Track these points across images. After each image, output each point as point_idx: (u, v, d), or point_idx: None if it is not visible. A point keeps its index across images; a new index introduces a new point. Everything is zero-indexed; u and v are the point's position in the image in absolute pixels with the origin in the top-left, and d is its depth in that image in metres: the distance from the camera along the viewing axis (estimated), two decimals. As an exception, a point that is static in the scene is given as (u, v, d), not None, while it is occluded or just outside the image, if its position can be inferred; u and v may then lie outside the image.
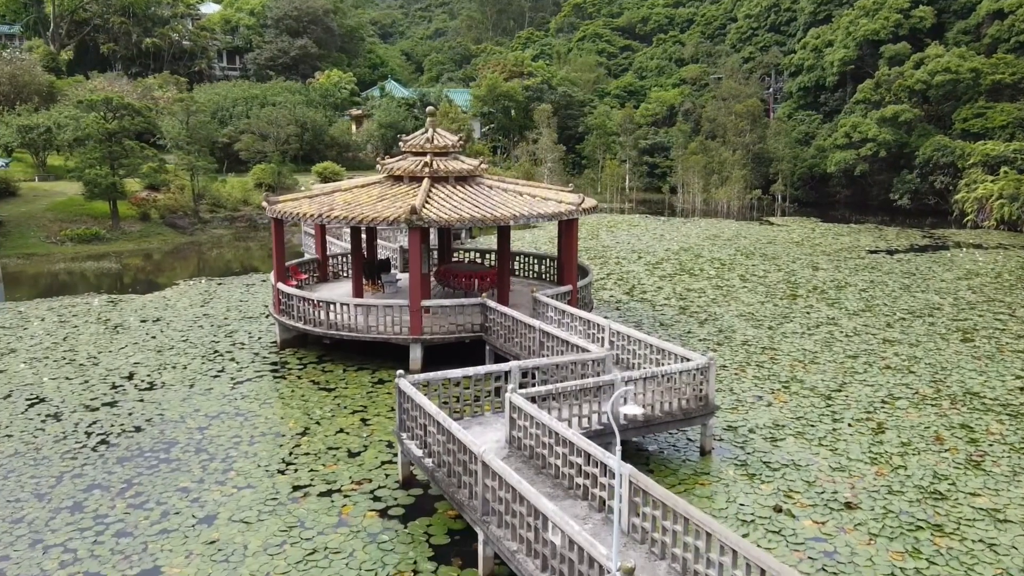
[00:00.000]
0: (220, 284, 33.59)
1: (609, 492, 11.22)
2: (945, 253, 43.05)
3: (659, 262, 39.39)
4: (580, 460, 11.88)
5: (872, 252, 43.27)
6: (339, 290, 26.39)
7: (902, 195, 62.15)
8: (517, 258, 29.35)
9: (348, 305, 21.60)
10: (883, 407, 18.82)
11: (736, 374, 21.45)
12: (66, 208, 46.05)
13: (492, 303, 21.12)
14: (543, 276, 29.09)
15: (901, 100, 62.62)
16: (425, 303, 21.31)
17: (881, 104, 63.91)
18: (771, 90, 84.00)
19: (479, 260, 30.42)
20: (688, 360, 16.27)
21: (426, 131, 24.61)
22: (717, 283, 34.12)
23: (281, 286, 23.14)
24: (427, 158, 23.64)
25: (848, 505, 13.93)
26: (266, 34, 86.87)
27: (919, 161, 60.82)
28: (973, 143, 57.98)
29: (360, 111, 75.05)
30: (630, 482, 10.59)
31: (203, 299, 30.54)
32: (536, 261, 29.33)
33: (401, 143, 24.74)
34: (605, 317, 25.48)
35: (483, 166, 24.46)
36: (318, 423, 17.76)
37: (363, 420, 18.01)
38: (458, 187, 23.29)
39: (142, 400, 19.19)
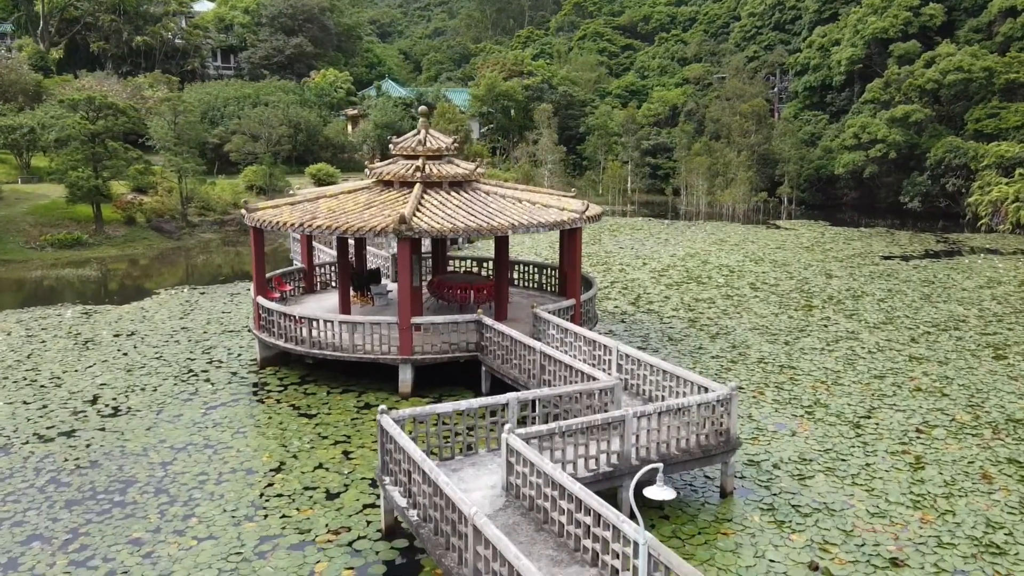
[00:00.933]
0: (203, 294, 31.84)
1: (623, 562, 9.48)
2: (962, 259, 41.32)
3: (665, 269, 37.66)
4: (589, 520, 10.15)
5: (886, 258, 41.53)
6: (326, 302, 24.67)
7: (912, 198, 60.42)
8: (516, 267, 27.63)
9: (332, 322, 19.87)
10: (919, 437, 17.09)
11: (754, 397, 19.72)
12: (48, 212, 44.29)
13: (488, 320, 19.39)
14: (544, 286, 27.36)
15: (911, 100, 60.88)
16: (415, 320, 19.58)
17: (890, 104, 62.17)
18: (776, 89, 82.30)
19: (475, 270, 28.71)
20: (706, 389, 14.55)
21: (418, 133, 22.88)
22: (727, 292, 32.39)
23: (261, 300, 21.41)
24: (419, 162, 21.91)
25: (895, 562, 12.19)
26: (261, 32, 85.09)
27: (930, 163, 59.07)
28: (987, 144, 56.25)
29: (356, 111, 73.33)
30: (649, 554, 8.86)
31: (183, 310, 28.80)
32: (536, 271, 27.58)
33: (391, 145, 23.03)
34: (611, 335, 23.81)
35: (480, 170, 22.74)
36: (295, 456, 16.03)
37: (345, 453, 16.27)
38: (452, 193, 21.56)
39: (103, 429, 17.46)
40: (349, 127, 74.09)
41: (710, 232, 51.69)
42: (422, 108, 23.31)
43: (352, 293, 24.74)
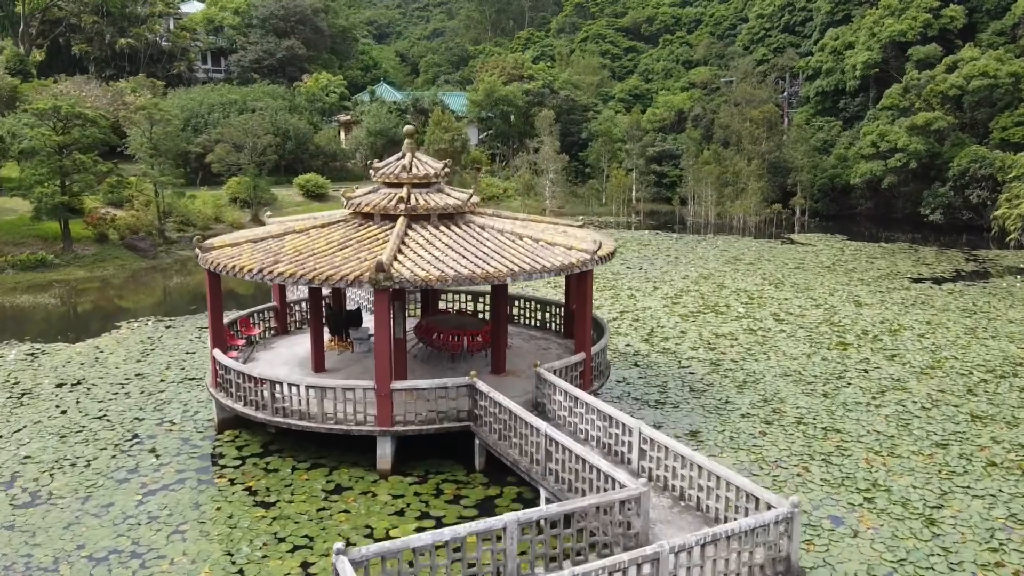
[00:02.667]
0: (169, 327, 28.73)
1: None
2: (999, 282, 38.21)
3: (678, 295, 34.55)
4: None
5: (916, 281, 38.42)
6: (300, 347, 21.58)
7: (934, 210, 57.28)
8: (516, 302, 24.54)
9: (298, 386, 16.74)
10: (1010, 542, 13.97)
11: (799, 475, 16.62)
12: (13, 228, 41.16)
13: (483, 386, 16.27)
14: (547, 325, 24.30)
15: (933, 107, 57.76)
16: (396, 385, 16.47)
17: (910, 111, 59.03)
18: (785, 94, 79.18)
19: (471, 307, 25.63)
20: (756, 499, 11.45)
21: (403, 156, 19.78)
22: (749, 325, 29.27)
23: (217, 355, 18.29)
24: (403, 191, 18.81)
25: None
26: (251, 35, 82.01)
27: (953, 173, 55.94)
28: (1014, 154, 53.13)
29: (349, 116, 70.22)
30: None
31: (143, 349, 25.69)
32: (539, 307, 24.52)
33: (372, 171, 19.92)
34: (625, 384, 20.50)
35: (474, 199, 19.63)
36: (241, 572, 12.91)
37: (305, 565, 13.14)
38: (441, 228, 18.46)
39: (11, 526, 14.34)
40: (342, 134, 71.03)
41: (722, 249, 48.58)
42: (408, 128, 20.19)
43: (328, 338, 21.68)
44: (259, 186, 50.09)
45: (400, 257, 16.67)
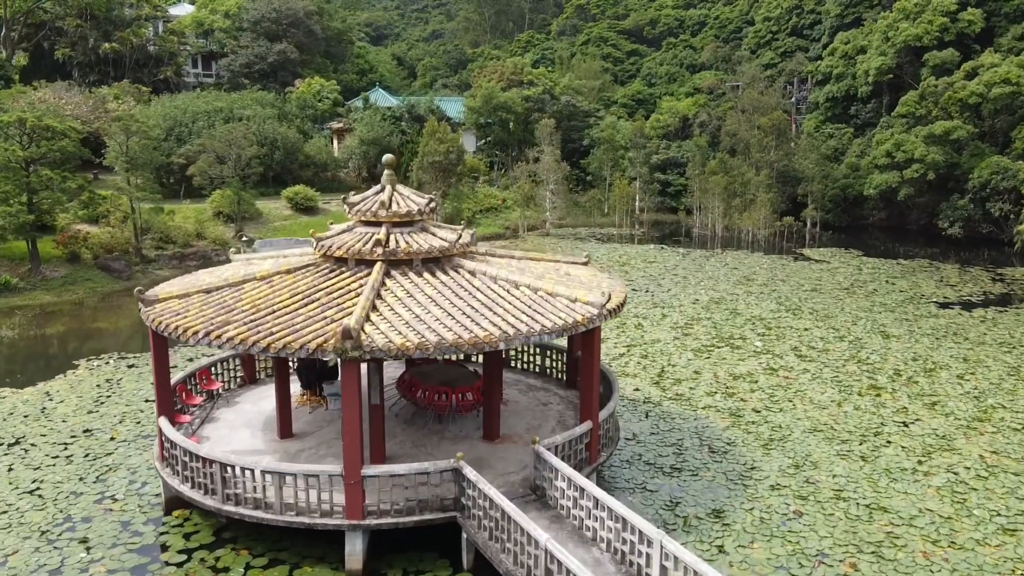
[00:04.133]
0: (132, 366, 26.14)
1: None
2: (1032, 308, 35.67)
3: (689, 324, 31.96)
4: None
5: (943, 306, 35.85)
6: (268, 404, 19.01)
7: (952, 223, 54.74)
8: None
9: (253, 471, 14.14)
10: None
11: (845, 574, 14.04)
12: (-24, 249, 38.64)
13: (471, 473, 13.67)
14: (547, 371, 21.76)
15: (951, 115, 55.19)
16: (368, 471, 13.88)
17: (927, 119, 56.47)
18: (794, 100, 76.65)
19: (459, 357, 23.02)
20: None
21: (382, 190, 17.21)
22: (768, 362, 26.68)
23: (163, 424, 15.70)
24: (381, 231, 16.24)
25: None
26: (242, 38, 79.41)
27: (973, 185, 53.43)
28: (1039, 166, 50.66)
29: (341, 124, 67.63)
30: None
31: (98, 396, 23.11)
32: (538, 352, 21.94)
33: (346, 206, 17.33)
34: (635, 443, 17.57)
35: (464, 239, 17.03)
36: None
37: None
38: (426, 275, 15.88)
39: None
40: (335, 142, 68.47)
41: (732, 267, 45.99)
42: (388, 157, 17.58)
43: (299, 393, 19.12)
44: (243, 199, 47.48)
45: (374, 317, 14.08)
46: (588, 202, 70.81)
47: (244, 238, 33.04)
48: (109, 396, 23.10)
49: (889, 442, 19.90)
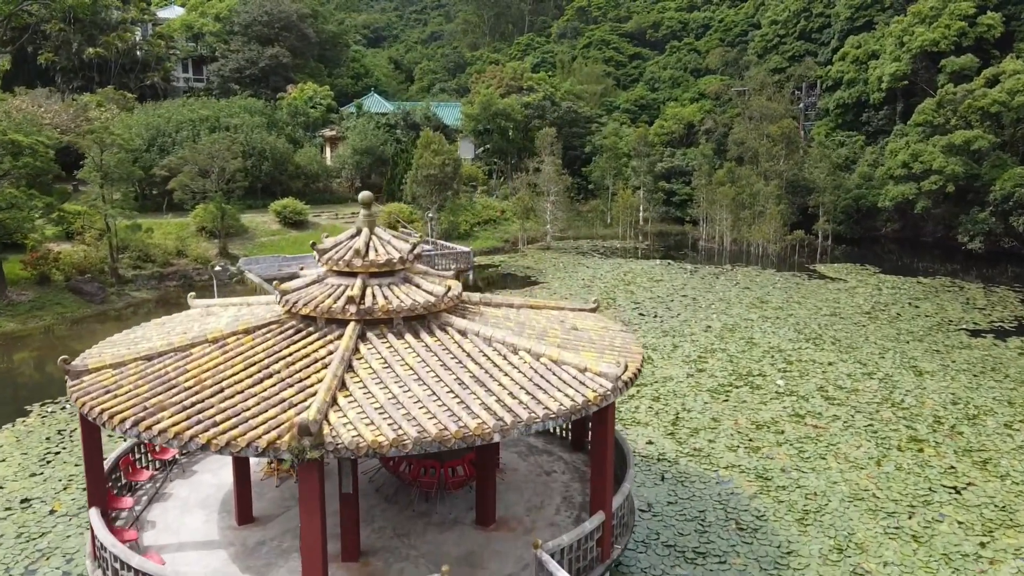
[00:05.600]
0: (90, 412, 23.61)
1: None
2: (1071, 336, 33.17)
3: (702, 356, 29.47)
4: None
5: (974, 334, 33.36)
6: (229, 475, 16.49)
7: (973, 237, 52.22)
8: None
9: (191, 587, 11.65)
10: None
11: None
12: (-61, 271, 36.15)
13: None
14: (552, 430, 19.22)
15: (971, 124, 52.70)
16: (334, 591, 11.39)
17: (946, 128, 53.97)
18: (802, 106, 74.17)
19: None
20: None
21: (357, 234, 14.73)
22: (793, 406, 24.19)
23: (95, 520, 13.18)
24: (356, 284, 13.77)
25: None
26: (232, 42, 76.93)
27: (994, 197, 50.94)
28: (1065, 178, 48.19)
29: (334, 132, 65.15)
30: None
31: (45, 452, 20.61)
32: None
33: (315, 252, 14.82)
34: (652, 518, 15.28)
35: (454, 291, 14.55)
36: None
37: None
38: (408, 338, 13.39)
39: None
40: (327, 150, 66.06)
41: (743, 286, 43.51)
42: (364, 194, 15.08)
43: (267, 461, 16.64)
44: (227, 214, 44.97)
45: (342, 399, 11.58)
46: (590, 212, 68.36)
47: (218, 267, 30.49)
48: (58, 453, 20.60)
49: (942, 517, 17.39)
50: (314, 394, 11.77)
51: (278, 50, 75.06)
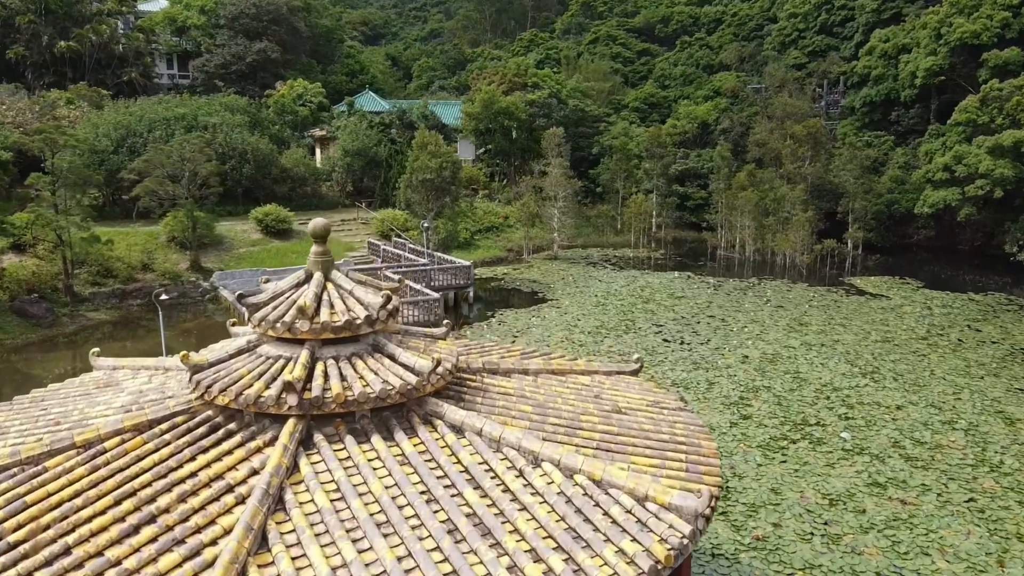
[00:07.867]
0: None
1: None
2: None
3: (744, 397, 24.89)
4: None
5: (1055, 366, 28.78)
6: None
7: (1023, 248, 47.61)
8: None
9: None
10: None
11: None
12: None
13: None
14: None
15: (1019, 123, 48.08)
16: None
17: (990, 127, 49.36)
18: (823, 104, 69.58)
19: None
20: None
21: (306, 280, 10.17)
22: (869, 472, 19.58)
23: None
24: (300, 360, 9.21)
25: None
26: (219, 36, 72.40)
27: (1046, 204, 46.39)
28: None
29: (324, 131, 60.57)
30: None
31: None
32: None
33: (245, 308, 10.23)
34: None
35: (444, 365, 9.98)
36: None
37: None
38: (375, 443, 8.83)
39: None
40: (317, 151, 61.47)
41: (776, 303, 38.94)
42: (315, 223, 10.48)
43: None
44: (200, 223, 40.35)
45: (259, 571, 7.00)
46: (599, 218, 63.77)
47: (163, 296, 25.82)
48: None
49: (1112, 655, 12.82)
50: (217, 554, 7.20)
51: (267, 44, 70.56)
